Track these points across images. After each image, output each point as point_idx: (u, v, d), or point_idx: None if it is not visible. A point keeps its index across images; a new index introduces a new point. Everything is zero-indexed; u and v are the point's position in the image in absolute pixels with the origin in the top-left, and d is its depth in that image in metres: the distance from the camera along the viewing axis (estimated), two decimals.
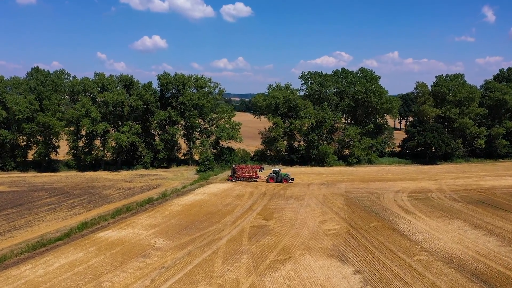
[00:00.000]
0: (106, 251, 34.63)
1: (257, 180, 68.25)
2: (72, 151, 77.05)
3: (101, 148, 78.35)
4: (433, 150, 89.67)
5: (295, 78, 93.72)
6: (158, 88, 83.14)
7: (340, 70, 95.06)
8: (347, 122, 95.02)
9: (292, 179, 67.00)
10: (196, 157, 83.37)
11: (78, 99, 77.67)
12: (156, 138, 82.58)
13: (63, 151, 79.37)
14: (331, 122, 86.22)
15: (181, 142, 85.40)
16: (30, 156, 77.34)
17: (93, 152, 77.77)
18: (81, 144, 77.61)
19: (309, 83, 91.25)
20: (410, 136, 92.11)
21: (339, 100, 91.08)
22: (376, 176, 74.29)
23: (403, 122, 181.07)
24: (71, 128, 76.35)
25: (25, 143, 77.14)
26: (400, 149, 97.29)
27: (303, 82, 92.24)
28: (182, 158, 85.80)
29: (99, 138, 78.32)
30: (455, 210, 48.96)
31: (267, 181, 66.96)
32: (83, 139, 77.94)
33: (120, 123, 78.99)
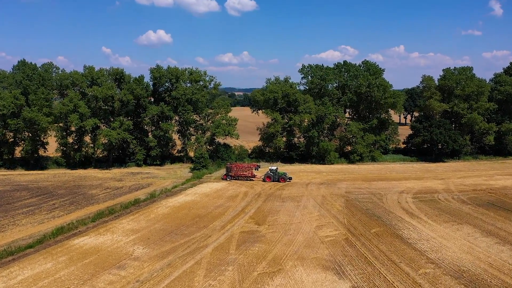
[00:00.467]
0: (78, 261, 31.41)
1: (253, 179, 64.77)
2: (61, 148, 73.99)
3: (91, 145, 75.17)
4: (439, 147, 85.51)
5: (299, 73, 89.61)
6: (151, 82, 79.60)
7: (342, 63, 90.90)
8: (349, 117, 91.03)
9: (290, 178, 63.40)
10: (191, 154, 79.94)
11: (67, 93, 74.34)
12: (149, 135, 79.03)
13: (52, 148, 76.26)
14: (333, 117, 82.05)
15: (176, 138, 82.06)
16: (18, 153, 74.35)
17: (83, 149, 74.55)
18: (70, 140, 74.53)
19: (309, 77, 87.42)
20: (416, 132, 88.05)
21: (341, 94, 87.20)
22: (380, 174, 70.57)
23: (409, 117, 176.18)
24: (60, 124, 73.19)
25: (12, 139, 74.02)
26: (405, 145, 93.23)
27: (303, 75, 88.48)
28: (176, 155, 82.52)
29: (89, 135, 75.09)
30: (464, 213, 45.23)
31: (264, 180, 63.39)
32: (73, 135, 74.77)
33: (111, 119, 75.65)
